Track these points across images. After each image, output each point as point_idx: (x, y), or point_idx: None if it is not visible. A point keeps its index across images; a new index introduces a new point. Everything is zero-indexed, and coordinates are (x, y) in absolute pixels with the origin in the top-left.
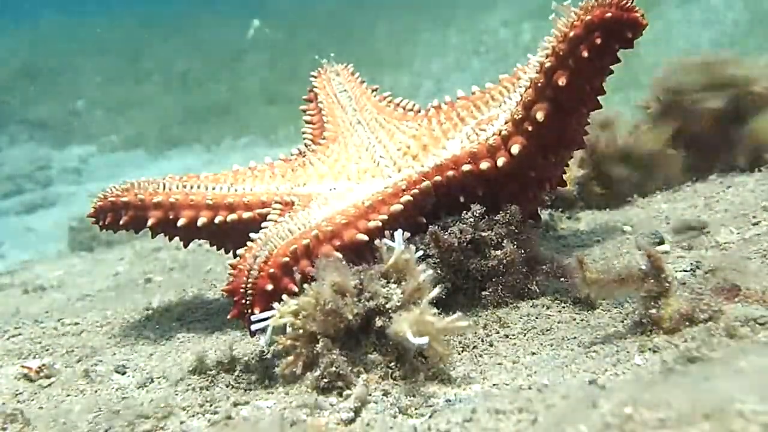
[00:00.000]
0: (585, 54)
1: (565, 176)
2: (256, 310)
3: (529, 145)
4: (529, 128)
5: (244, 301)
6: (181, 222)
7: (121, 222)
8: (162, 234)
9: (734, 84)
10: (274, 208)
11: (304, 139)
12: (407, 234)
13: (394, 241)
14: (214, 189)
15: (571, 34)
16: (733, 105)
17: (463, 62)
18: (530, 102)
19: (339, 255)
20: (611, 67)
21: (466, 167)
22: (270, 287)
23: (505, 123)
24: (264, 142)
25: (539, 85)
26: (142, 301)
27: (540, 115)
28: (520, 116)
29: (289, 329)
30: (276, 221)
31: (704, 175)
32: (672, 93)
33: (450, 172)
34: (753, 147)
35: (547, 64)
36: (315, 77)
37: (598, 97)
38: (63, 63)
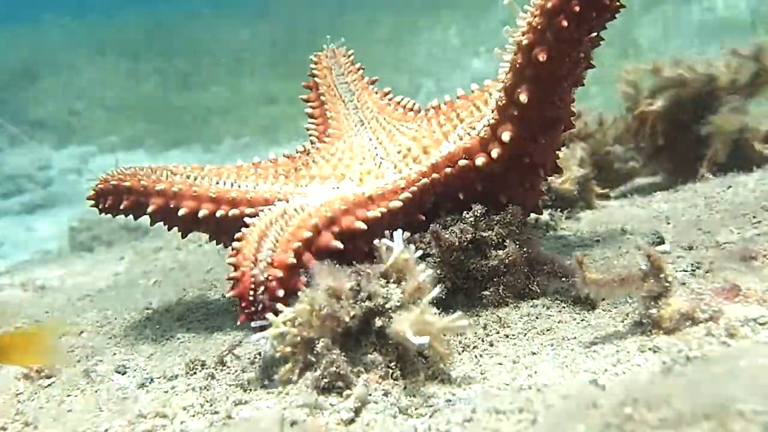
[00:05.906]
0: (564, 24)
1: (559, 161)
2: (269, 316)
3: (517, 130)
4: (515, 113)
5: (253, 308)
6: (181, 212)
7: (121, 206)
8: (161, 222)
9: (674, 85)
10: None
11: (309, 135)
12: (407, 234)
13: (393, 241)
14: (217, 183)
15: (548, 5)
16: (675, 105)
17: (463, 62)
18: (512, 86)
19: (339, 244)
20: (599, 45)
21: (462, 162)
22: (282, 293)
23: (492, 112)
24: (264, 142)
25: (518, 65)
26: (142, 301)
27: (523, 97)
28: (504, 102)
29: (287, 337)
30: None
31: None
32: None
33: (447, 170)
34: (722, 142)
35: (525, 42)
36: (315, 63)
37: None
38: (63, 63)
